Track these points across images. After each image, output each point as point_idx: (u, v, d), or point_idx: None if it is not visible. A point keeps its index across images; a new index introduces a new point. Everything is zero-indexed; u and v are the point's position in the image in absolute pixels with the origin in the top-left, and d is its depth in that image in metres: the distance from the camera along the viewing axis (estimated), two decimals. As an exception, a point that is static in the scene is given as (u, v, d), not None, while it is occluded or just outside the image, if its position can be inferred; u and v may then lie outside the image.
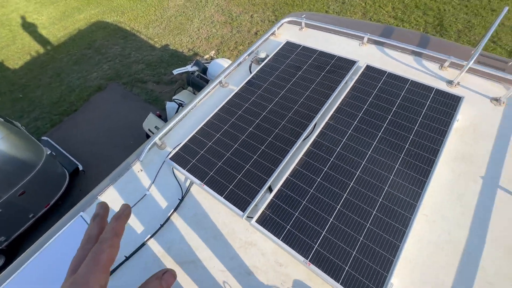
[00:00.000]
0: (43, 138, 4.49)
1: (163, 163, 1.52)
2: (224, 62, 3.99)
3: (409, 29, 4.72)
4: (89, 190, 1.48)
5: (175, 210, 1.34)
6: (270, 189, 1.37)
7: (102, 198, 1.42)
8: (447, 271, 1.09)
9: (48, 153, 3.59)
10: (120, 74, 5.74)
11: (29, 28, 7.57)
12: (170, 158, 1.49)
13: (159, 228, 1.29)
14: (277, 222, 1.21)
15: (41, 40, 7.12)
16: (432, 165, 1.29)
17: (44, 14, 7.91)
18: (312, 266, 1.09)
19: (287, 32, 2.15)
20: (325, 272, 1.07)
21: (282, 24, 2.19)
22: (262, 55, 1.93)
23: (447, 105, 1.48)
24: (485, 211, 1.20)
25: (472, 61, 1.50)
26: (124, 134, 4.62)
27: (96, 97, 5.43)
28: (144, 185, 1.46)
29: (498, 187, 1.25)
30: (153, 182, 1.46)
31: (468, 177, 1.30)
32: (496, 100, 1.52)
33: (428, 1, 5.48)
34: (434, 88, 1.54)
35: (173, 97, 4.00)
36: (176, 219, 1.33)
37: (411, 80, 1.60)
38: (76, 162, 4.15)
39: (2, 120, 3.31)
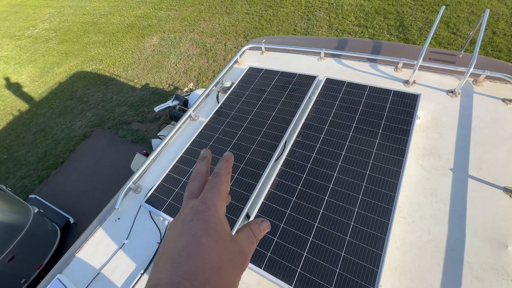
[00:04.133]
0: (30, 196, 4.41)
1: (139, 208, 1.50)
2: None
3: (362, 39, 4.96)
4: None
5: (154, 255, 1.30)
6: (248, 217, 1.35)
7: (80, 255, 1.38)
8: (433, 272, 1.07)
9: (35, 211, 3.51)
10: (104, 119, 5.80)
11: (10, 88, 7.69)
12: (145, 201, 1.47)
13: (139, 278, 1.25)
14: (257, 250, 1.18)
15: (23, 98, 7.22)
16: (401, 166, 1.30)
17: (24, 73, 8.09)
18: (297, 292, 1.05)
19: (250, 58, 2.23)
20: (310, 296, 1.04)
21: (244, 51, 2.28)
22: (227, 84, 1.98)
23: (406, 104, 1.52)
24: (460, 203, 1.21)
25: (421, 59, 1.57)
26: (114, 179, 4.58)
27: (82, 146, 5.43)
28: (122, 234, 1.43)
29: (468, 176, 1.27)
30: (131, 229, 1.43)
31: (438, 171, 1.32)
32: (451, 92, 1.57)
33: (386, 6, 5.80)
34: (391, 90, 1.60)
35: (158, 134, 4.04)
36: (157, 264, 1.29)
37: (370, 86, 1.66)
38: (67, 215, 4.06)
39: (-15, 186, 3.26)
